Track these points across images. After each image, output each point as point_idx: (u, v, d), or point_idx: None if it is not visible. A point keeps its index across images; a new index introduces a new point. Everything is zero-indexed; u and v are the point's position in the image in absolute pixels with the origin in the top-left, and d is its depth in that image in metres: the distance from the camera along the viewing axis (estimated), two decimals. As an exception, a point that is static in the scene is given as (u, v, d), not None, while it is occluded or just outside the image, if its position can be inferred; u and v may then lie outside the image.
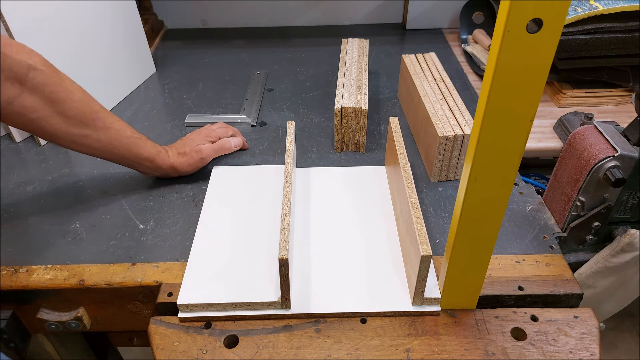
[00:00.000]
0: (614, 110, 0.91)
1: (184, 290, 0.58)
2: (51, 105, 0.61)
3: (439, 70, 0.85)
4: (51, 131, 0.63)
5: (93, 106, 0.65)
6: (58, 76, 0.62)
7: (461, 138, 0.69)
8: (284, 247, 0.52)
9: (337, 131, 0.80)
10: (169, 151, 0.74)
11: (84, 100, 0.64)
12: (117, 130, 0.67)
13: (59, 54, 0.81)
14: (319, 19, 1.29)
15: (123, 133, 0.68)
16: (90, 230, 0.69)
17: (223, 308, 0.56)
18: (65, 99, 0.62)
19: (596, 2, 0.87)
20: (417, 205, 0.57)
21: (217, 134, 0.79)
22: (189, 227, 0.68)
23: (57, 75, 0.62)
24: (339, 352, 0.53)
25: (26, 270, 0.63)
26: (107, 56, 0.93)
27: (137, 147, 0.69)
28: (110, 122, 0.67)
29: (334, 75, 1.05)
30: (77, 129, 0.64)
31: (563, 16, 0.34)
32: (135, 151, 0.69)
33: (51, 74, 0.61)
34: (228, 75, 1.08)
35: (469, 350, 0.53)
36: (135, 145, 0.69)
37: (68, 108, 0.62)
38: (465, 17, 1.16)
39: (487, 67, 0.38)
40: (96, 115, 0.65)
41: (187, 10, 1.27)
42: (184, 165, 0.74)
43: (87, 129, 0.65)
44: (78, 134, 0.64)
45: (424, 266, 0.52)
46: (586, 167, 0.62)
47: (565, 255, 0.65)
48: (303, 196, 0.72)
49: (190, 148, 0.75)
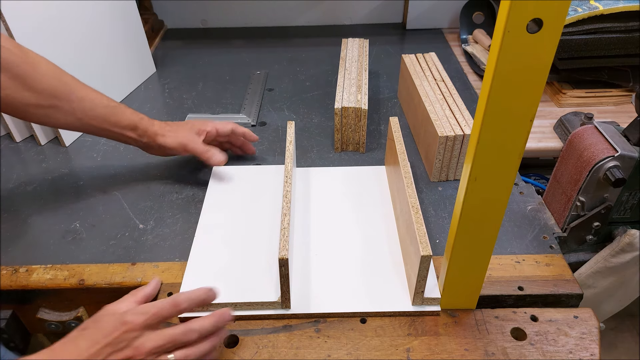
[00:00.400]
0: (614, 110, 0.91)
1: (184, 290, 0.58)
2: (19, 80, 0.60)
3: (439, 70, 0.85)
4: (21, 107, 0.62)
5: (64, 78, 0.64)
6: (21, 51, 0.61)
7: (461, 138, 0.69)
8: (284, 247, 0.52)
9: (337, 131, 0.80)
10: (155, 121, 0.71)
11: (53, 73, 0.63)
12: (92, 100, 0.66)
13: (59, 53, 0.81)
14: (319, 19, 1.29)
15: (99, 102, 0.66)
16: (90, 230, 0.69)
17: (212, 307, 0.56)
18: (32, 72, 0.61)
19: (596, 2, 0.87)
20: (417, 205, 0.57)
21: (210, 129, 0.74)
22: (189, 227, 0.68)
23: (20, 50, 0.61)
24: (339, 352, 0.53)
25: (26, 270, 0.63)
26: (107, 56, 0.93)
27: (115, 115, 0.67)
28: (84, 93, 0.65)
29: (334, 75, 1.05)
30: (48, 101, 0.63)
31: (563, 16, 0.34)
32: (113, 120, 0.67)
33: (16, 50, 0.61)
34: (228, 75, 1.08)
35: (469, 350, 0.53)
36: (113, 115, 0.67)
37: (36, 81, 0.61)
38: (465, 17, 1.16)
39: (487, 67, 0.38)
40: (67, 87, 0.64)
41: (187, 10, 1.27)
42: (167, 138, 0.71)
43: (57, 100, 0.63)
44: (49, 106, 0.63)
45: (424, 266, 0.52)
46: (586, 167, 0.62)
47: (565, 255, 0.65)
48: (303, 196, 0.72)
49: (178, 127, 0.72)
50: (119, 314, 0.47)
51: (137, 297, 0.51)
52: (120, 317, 0.46)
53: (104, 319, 0.47)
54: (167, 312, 0.48)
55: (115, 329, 0.45)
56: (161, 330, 0.47)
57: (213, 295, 0.52)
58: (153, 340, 0.46)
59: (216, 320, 0.50)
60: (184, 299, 0.50)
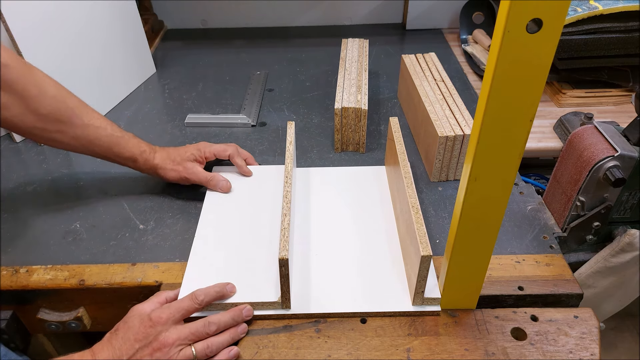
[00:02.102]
0: (614, 110, 0.91)
1: (184, 290, 0.58)
2: (23, 101, 0.60)
3: (439, 70, 0.85)
4: (26, 128, 0.62)
5: (69, 102, 0.64)
6: (30, 72, 0.61)
7: (461, 138, 0.69)
8: (284, 247, 0.52)
9: (337, 131, 0.80)
10: (156, 152, 0.71)
11: (58, 97, 0.63)
12: (97, 128, 0.65)
13: (59, 53, 0.81)
14: (319, 19, 1.30)
15: (102, 131, 0.66)
16: (90, 230, 0.69)
17: (223, 308, 0.56)
18: (37, 95, 0.61)
19: (596, 2, 0.87)
20: (417, 205, 0.57)
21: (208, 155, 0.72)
22: (189, 227, 0.68)
23: (28, 71, 0.61)
24: (339, 352, 0.53)
25: (26, 270, 0.63)
26: (107, 56, 0.93)
27: (117, 146, 0.67)
28: (88, 119, 0.65)
29: (334, 75, 1.05)
30: (52, 126, 0.63)
31: (563, 16, 0.34)
32: (115, 150, 0.67)
33: (22, 70, 0.60)
34: (228, 75, 1.08)
35: (469, 350, 0.53)
36: (116, 145, 0.67)
37: (41, 105, 0.61)
38: (465, 17, 1.16)
39: (487, 67, 0.38)
40: (72, 112, 0.63)
41: (187, 10, 1.27)
42: (168, 172, 0.70)
43: (62, 125, 0.63)
44: (54, 131, 0.63)
45: (424, 266, 0.52)
46: (586, 167, 0.62)
47: (565, 255, 0.65)
48: (303, 196, 0.72)
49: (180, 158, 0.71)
50: (145, 313, 0.52)
51: (160, 298, 0.56)
52: (146, 316, 0.52)
53: (132, 320, 0.52)
54: (187, 305, 0.53)
55: (143, 326, 0.51)
56: (183, 325, 0.52)
57: (231, 288, 0.57)
58: (176, 333, 0.51)
59: (233, 314, 0.55)
60: (202, 292, 0.55)
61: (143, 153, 0.69)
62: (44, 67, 0.79)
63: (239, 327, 0.55)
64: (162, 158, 0.71)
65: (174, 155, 0.71)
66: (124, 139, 0.68)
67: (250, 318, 0.56)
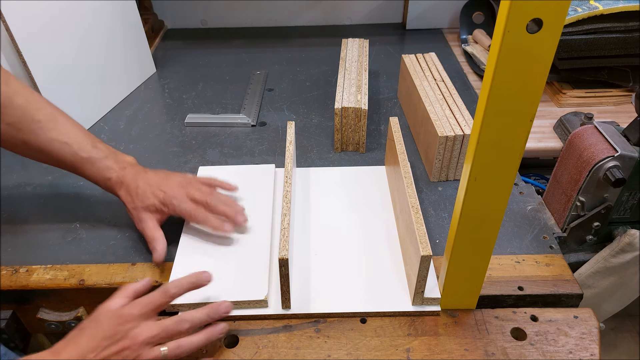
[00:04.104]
0: (614, 110, 0.91)
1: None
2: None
3: (439, 70, 0.85)
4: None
5: (36, 115, 0.61)
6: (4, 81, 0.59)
7: (461, 138, 0.69)
8: (284, 247, 0.52)
9: (337, 131, 0.80)
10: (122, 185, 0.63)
11: (26, 108, 0.60)
12: (62, 144, 0.61)
13: (58, 53, 0.81)
14: (319, 19, 1.29)
15: (68, 149, 0.62)
16: (90, 230, 0.69)
17: None
18: (5, 104, 0.59)
19: (596, 2, 0.87)
20: (417, 205, 0.57)
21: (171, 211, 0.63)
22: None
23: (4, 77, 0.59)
24: (339, 352, 0.53)
25: (26, 270, 0.63)
26: (106, 56, 0.93)
27: (80, 168, 0.63)
28: (55, 134, 0.61)
29: (334, 75, 1.05)
30: (17, 135, 0.60)
31: (563, 16, 0.34)
32: (79, 171, 0.63)
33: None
34: (228, 75, 1.08)
35: (469, 350, 0.53)
36: (80, 166, 0.63)
37: (6, 114, 0.59)
38: (465, 17, 1.16)
39: (487, 67, 0.38)
40: (37, 125, 0.60)
41: (187, 10, 1.27)
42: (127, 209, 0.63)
43: (26, 136, 0.61)
44: (19, 141, 0.61)
45: (424, 266, 0.52)
46: (586, 167, 0.62)
47: (565, 255, 0.65)
48: (303, 196, 0.72)
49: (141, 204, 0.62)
50: (114, 309, 0.50)
51: (127, 292, 0.52)
52: (115, 312, 0.49)
53: (101, 317, 0.49)
54: (158, 300, 0.51)
55: (112, 322, 0.48)
56: (154, 322, 0.50)
57: (207, 277, 0.54)
58: (147, 330, 0.48)
59: (209, 310, 0.52)
60: (173, 285, 0.52)
61: (107, 181, 0.64)
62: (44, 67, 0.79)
63: (216, 326, 0.52)
64: (125, 194, 0.63)
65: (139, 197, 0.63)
66: (89, 162, 0.62)
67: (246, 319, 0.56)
